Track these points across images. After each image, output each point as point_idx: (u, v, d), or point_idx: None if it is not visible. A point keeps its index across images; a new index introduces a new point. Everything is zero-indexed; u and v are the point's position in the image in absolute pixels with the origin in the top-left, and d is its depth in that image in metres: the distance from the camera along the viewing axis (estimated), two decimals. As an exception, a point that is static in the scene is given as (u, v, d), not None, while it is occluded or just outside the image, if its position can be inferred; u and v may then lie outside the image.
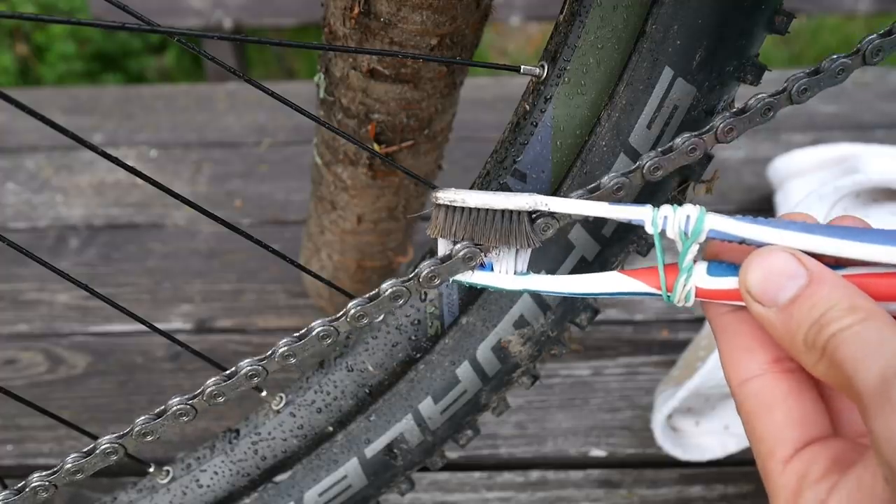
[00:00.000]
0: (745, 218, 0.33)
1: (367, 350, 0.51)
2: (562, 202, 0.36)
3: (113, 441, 0.43)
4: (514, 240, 0.37)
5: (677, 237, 0.33)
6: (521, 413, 0.81)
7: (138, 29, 0.36)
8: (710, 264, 0.34)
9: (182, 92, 1.32)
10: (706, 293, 0.34)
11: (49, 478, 0.43)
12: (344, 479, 0.52)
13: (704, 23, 0.40)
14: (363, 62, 0.54)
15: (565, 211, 0.36)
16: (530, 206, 0.36)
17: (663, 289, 0.34)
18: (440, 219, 0.37)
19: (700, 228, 0.33)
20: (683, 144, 0.38)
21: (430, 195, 0.38)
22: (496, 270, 0.38)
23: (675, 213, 0.33)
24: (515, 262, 0.38)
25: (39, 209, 1.09)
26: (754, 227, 0.33)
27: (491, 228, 0.36)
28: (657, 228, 0.34)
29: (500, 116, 1.16)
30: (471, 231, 0.37)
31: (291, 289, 0.95)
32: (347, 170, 0.66)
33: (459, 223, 0.37)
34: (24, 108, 0.35)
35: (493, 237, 0.37)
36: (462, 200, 0.36)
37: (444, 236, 0.38)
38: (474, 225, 0.37)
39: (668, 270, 0.34)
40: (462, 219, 0.37)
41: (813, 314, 0.27)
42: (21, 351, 0.90)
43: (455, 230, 0.37)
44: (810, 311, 0.27)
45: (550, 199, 0.36)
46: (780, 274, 0.28)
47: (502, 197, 0.36)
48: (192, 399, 0.43)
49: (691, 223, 0.33)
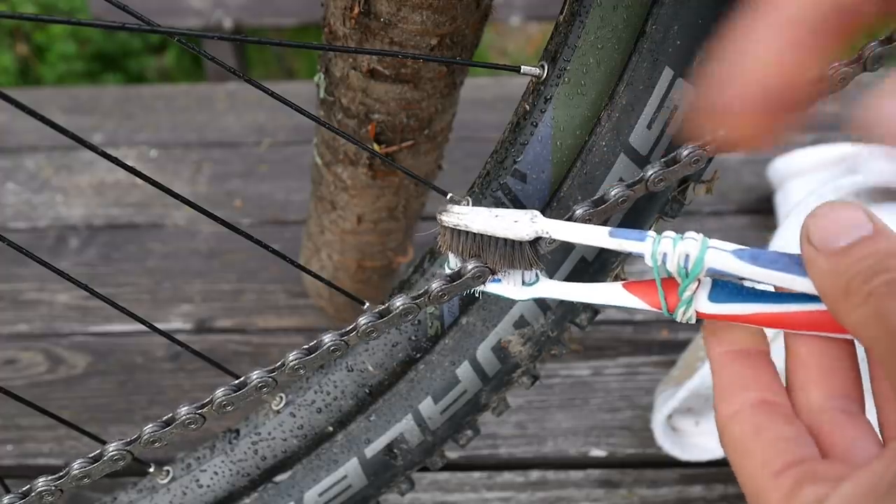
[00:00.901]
0: (747, 253, 0.32)
1: (367, 350, 0.51)
2: (563, 230, 0.36)
3: (121, 448, 0.43)
4: (517, 263, 0.37)
5: (676, 273, 0.33)
6: (521, 413, 0.81)
7: (138, 29, 0.36)
8: (713, 289, 0.34)
9: (182, 92, 1.32)
10: (709, 315, 0.34)
11: (55, 482, 0.43)
12: (344, 479, 0.52)
13: (705, 23, 0.40)
14: (363, 62, 0.54)
15: (567, 239, 0.36)
16: (531, 236, 0.36)
17: (664, 310, 0.34)
18: (447, 237, 0.38)
19: (699, 269, 0.32)
20: (687, 156, 0.38)
21: (437, 215, 0.38)
22: (504, 283, 0.39)
23: (674, 249, 0.33)
24: (523, 276, 0.38)
25: (39, 209, 1.09)
26: (755, 268, 0.32)
27: (495, 252, 0.37)
28: (656, 263, 0.33)
29: (500, 116, 1.16)
30: (476, 251, 0.38)
31: (291, 289, 0.95)
32: (347, 170, 0.66)
33: (465, 243, 0.38)
34: (24, 108, 0.35)
35: (498, 260, 0.37)
36: (465, 226, 0.37)
37: (453, 252, 0.39)
38: (479, 246, 0.38)
39: (671, 289, 0.34)
40: (467, 240, 0.38)
41: (868, 261, 0.26)
42: (21, 351, 0.90)
43: (461, 249, 0.38)
44: (867, 257, 0.26)
45: (552, 225, 0.36)
46: (845, 222, 0.27)
47: (504, 225, 0.36)
48: (201, 408, 0.43)
49: (690, 261, 0.33)
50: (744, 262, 0.32)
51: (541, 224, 0.36)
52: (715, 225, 1.01)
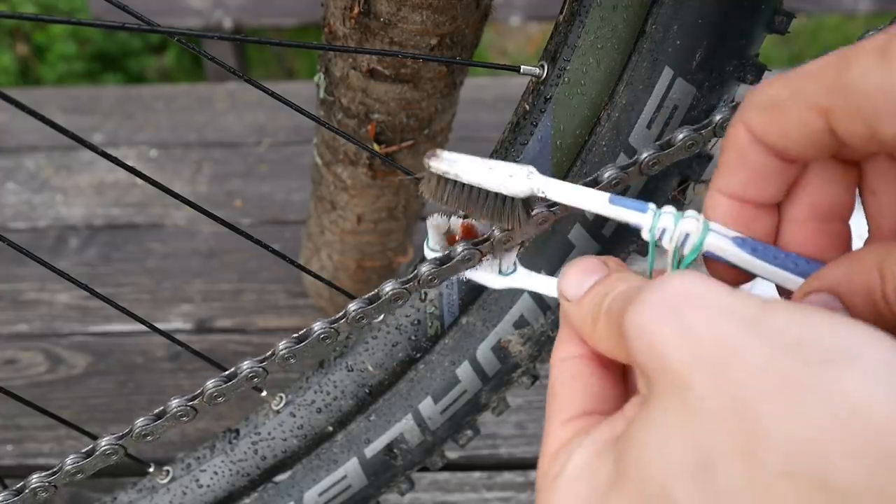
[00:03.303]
0: (748, 243, 0.31)
1: (367, 350, 0.51)
2: (560, 188, 0.34)
3: (113, 442, 0.43)
4: (505, 220, 0.35)
5: (671, 253, 0.32)
6: (521, 413, 0.81)
7: (138, 29, 0.36)
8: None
9: (182, 92, 1.32)
10: None
11: (49, 478, 0.43)
12: (344, 478, 0.52)
13: (704, 22, 0.40)
14: (363, 62, 0.54)
15: (562, 199, 0.34)
16: (526, 192, 0.34)
17: None
18: (432, 184, 0.35)
19: (697, 251, 0.31)
20: (682, 139, 0.38)
21: (424, 160, 0.35)
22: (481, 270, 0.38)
23: (675, 226, 0.31)
24: (500, 264, 0.37)
25: (39, 209, 1.09)
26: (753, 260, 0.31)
27: (483, 206, 0.35)
28: (653, 238, 0.32)
29: (500, 116, 1.16)
30: (462, 204, 0.35)
31: (291, 289, 0.95)
32: (347, 170, 0.66)
33: (451, 193, 0.35)
34: (24, 108, 0.35)
35: (485, 214, 0.35)
36: (455, 175, 0.34)
37: (436, 200, 0.35)
38: (467, 198, 0.35)
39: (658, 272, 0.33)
40: (455, 189, 0.34)
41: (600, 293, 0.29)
42: (21, 351, 0.90)
43: (446, 199, 0.35)
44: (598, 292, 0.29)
45: (549, 183, 0.34)
46: (582, 273, 0.31)
47: (499, 178, 0.34)
48: (192, 400, 0.43)
49: (689, 243, 0.31)
50: (743, 252, 0.31)
51: (537, 181, 0.34)
52: (715, 225, 1.01)
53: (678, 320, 0.23)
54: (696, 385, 0.22)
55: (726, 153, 0.30)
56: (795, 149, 0.28)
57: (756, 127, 0.28)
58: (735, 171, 0.29)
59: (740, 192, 0.30)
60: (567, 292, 0.31)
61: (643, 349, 0.24)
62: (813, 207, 0.30)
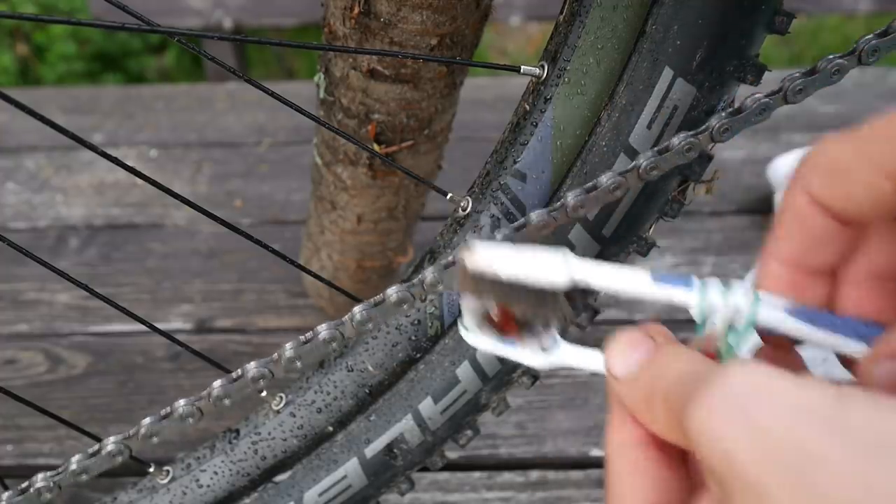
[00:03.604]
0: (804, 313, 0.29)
1: (367, 350, 0.51)
2: (602, 275, 0.32)
3: (118, 442, 0.43)
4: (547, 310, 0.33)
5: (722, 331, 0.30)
6: (521, 413, 0.81)
7: (138, 29, 0.36)
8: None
9: (182, 92, 1.32)
10: None
11: (53, 478, 0.43)
12: (344, 478, 0.52)
13: (704, 23, 0.40)
14: (363, 62, 0.54)
15: (604, 286, 0.32)
16: (567, 284, 0.32)
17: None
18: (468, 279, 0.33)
19: (750, 329, 0.30)
20: (679, 144, 0.38)
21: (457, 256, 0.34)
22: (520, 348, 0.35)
23: (724, 302, 0.30)
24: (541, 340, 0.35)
25: (39, 209, 1.09)
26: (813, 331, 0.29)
27: (523, 298, 0.33)
28: (703, 317, 0.30)
29: (500, 116, 1.16)
30: (500, 297, 0.33)
31: (291, 289, 0.95)
32: (347, 170, 0.66)
33: (489, 288, 0.33)
34: (24, 108, 0.35)
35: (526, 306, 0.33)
36: (493, 272, 0.32)
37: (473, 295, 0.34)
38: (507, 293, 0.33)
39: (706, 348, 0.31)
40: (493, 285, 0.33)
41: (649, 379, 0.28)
42: (21, 351, 0.90)
43: (484, 294, 0.33)
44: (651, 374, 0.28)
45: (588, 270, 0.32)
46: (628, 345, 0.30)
47: (537, 271, 0.32)
48: (197, 401, 0.43)
49: (741, 320, 0.30)
50: (800, 323, 0.29)
51: (576, 269, 0.32)
52: (715, 225, 1.01)
53: (748, 422, 0.22)
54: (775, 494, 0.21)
55: (784, 218, 0.28)
56: (859, 212, 0.26)
57: (818, 191, 0.27)
58: (794, 237, 0.28)
59: (799, 258, 0.29)
60: (615, 370, 0.30)
61: (713, 453, 0.23)
62: (871, 268, 0.29)
